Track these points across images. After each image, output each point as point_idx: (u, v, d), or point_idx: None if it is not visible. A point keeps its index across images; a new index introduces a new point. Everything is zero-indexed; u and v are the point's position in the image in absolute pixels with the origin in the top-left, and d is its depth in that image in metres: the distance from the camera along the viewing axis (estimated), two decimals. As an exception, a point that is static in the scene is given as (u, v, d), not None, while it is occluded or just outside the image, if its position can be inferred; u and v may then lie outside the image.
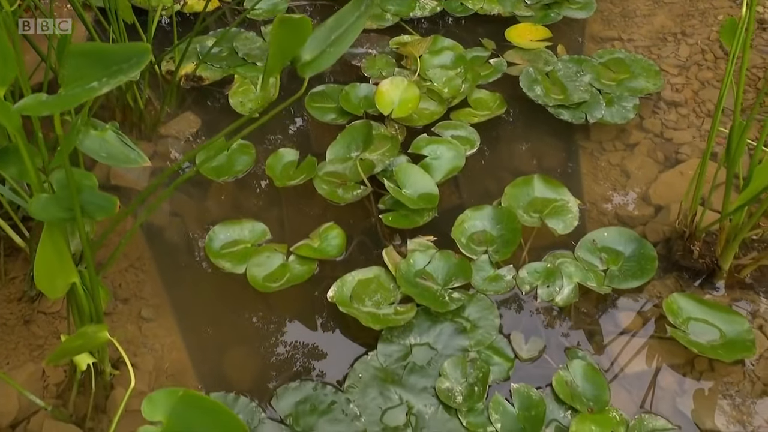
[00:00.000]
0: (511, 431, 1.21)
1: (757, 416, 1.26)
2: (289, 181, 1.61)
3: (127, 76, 0.64)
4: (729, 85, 1.28)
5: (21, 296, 1.38)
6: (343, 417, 1.23)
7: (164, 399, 0.78)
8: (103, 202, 0.88)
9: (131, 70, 0.64)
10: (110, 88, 0.65)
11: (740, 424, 1.26)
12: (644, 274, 1.43)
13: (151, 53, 0.67)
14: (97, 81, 0.65)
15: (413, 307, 1.37)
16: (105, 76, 0.65)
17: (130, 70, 0.64)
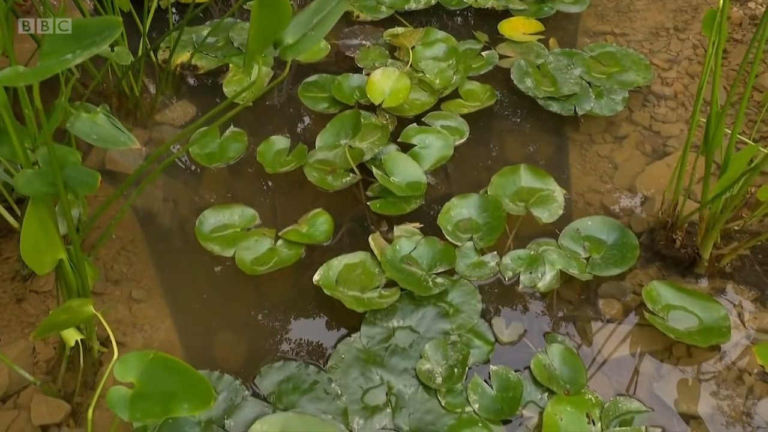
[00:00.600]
0: (489, 411, 1.24)
1: (731, 400, 1.28)
2: (279, 168, 1.64)
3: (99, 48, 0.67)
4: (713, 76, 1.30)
5: (14, 276, 1.41)
6: (324, 396, 1.26)
7: (136, 361, 0.81)
8: (85, 177, 0.91)
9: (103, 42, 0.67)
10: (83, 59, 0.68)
11: (715, 408, 1.28)
12: (625, 262, 1.45)
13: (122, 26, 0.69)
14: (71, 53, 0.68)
15: (397, 291, 1.40)
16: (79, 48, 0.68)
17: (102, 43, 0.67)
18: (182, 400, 0.78)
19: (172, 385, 0.79)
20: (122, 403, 0.79)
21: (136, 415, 0.78)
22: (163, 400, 0.78)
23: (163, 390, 0.79)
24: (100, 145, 1.17)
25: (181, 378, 0.80)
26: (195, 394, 0.79)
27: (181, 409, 0.77)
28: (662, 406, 1.28)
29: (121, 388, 0.81)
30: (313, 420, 1.20)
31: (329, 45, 1.97)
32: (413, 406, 1.25)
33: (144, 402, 0.78)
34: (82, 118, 1.14)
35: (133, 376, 0.81)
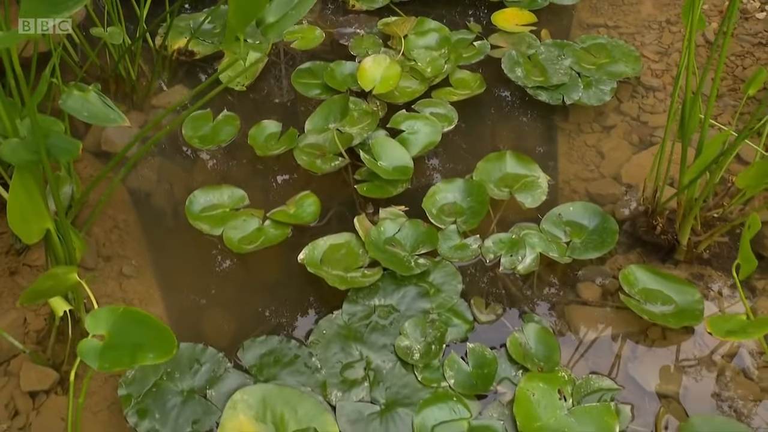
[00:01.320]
0: (464, 386, 1.27)
1: (702, 381, 1.31)
2: (270, 151, 1.68)
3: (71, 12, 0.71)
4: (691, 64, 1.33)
5: (8, 249, 1.46)
6: (304, 369, 1.29)
7: (106, 315, 0.85)
8: (67, 145, 0.95)
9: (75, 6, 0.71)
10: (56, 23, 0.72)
11: (686, 388, 1.31)
12: (604, 246, 1.48)
13: None
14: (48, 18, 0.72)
15: (379, 270, 1.43)
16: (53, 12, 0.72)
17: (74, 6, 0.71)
18: (148, 350, 0.82)
19: (140, 337, 0.83)
20: (92, 353, 0.83)
21: (105, 364, 0.82)
22: (130, 350, 0.82)
23: (131, 341, 0.83)
24: (90, 122, 1.21)
25: (148, 329, 0.84)
26: (160, 345, 0.83)
27: (147, 358, 0.81)
28: (635, 386, 1.31)
29: (93, 340, 0.85)
30: (292, 392, 1.24)
31: (324, 33, 2.01)
32: (390, 381, 1.29)
33: (113, 352, 0.83)
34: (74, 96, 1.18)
35: (103, 329, 0.85)
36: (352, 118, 1.72)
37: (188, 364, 1.29)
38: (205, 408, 1.23)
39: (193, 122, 1.74)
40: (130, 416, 1.21)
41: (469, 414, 1.24)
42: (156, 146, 1.74)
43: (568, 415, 1.23)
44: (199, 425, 1.21)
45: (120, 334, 0.84)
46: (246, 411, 1.21)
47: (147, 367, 1.28)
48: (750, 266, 1.03)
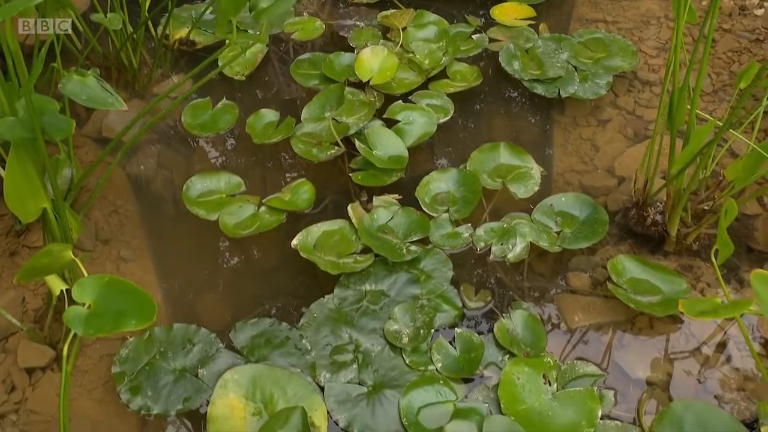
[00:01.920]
0: (450, 370, 1.29)
1: (687, 369, 1.33)
2: (267, 139, 1.70)
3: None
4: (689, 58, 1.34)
5: (8, 231, 1.49)
6: (294, 351, 1.32)
7: (92, 284, 0.88)
8: (61, 123, 0.97)
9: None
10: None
11: (670, 375, 1.32)
12: (594, 236, 1.50)
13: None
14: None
15: (371, 256, 1.45)
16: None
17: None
18: (130, 317, 0.85)
19: (123, 305, 0.86)
20: (78, 320, 0.86)
21: (90, 330, 0.85)
22: (114, 317, 0.85)
23: (114, 309, 0.86)
24: (89, 105, 1.24)
25: (131, 298, 0.87)
26: (141, 312, 0.86)
27: (129, 324, 0.84)
28: (620, 372, 1.33)
29: (78, 308, 0.88)
30: (282, 372, 1.27)
31: (324, 25, 2.03)
32: (379, 363, 1.31)
33: (97, 319, 0.85)
34: (73, 80, 1.21)
35: (89, 297, 0.88)
36: (349, 108, 1.75)
37: (181, 344, 1.31)
38: (196, 386, 1.26)
39: (193, 110, 1.77)
40: (122, 393, 1.24)
41: (455, 396, 1.26)
42: (156, 134, 1.77)
43: (552, 399, 1.25)
44: (190, 403, 1.24)
45: (105, 302, 0.87)
46: (236, 390, 1.24)
47: (140, 346, 1.31)
48: (727, 251, 1.05)
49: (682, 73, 1.70)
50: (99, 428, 1.25)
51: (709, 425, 1.18)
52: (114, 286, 0.88)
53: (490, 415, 1.22)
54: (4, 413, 1.24)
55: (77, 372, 1.31)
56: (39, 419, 1.24)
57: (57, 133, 0.99)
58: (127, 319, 0.85)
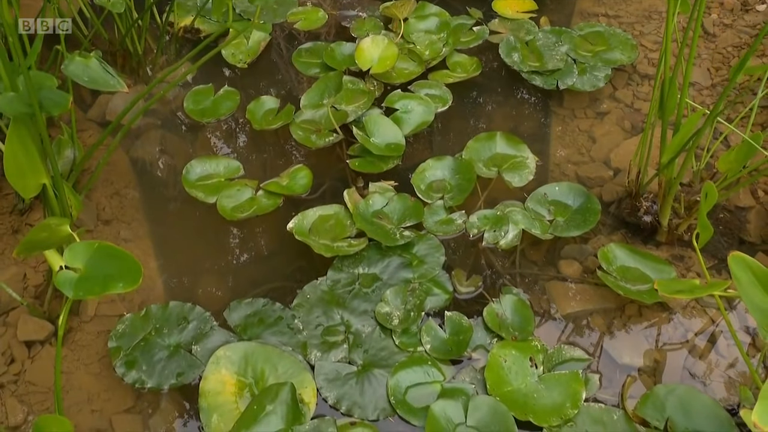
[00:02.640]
0: (439, 351, 1.32)
1: (673, 356, 1.34)
2: (267, 125, 1.73)
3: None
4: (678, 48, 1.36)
5: (12, 210, 1.53)
6: (287, 330, 1.35)
7: (83, 249, 0.91)
8: (58, 98, 1.01)
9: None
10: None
11: (657, 362, 1.34)
12: (586, 225, 1.52)
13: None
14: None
15: (365, 240, 1.48)
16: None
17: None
18: (118, 281, 0.88)
19: (111, 269, 0.90)
20: (69, 284, 0.89)
21: (79, 293, 0.88)
22: (102, 280, 0.89)
23: (103, 273, 0.90)
24: (90, 86, 1.28)
25: (119, 262, 0.90)
26: (128, 276, 0.89)
27: (117, 287, 0.88)
28: (607, 358, 1.35)
29: (69, 272, 0.91)
30: (274, 350, 1.30)
31: (327, 15, 2.06)
32: (369, 344, 1.34)
33: (87, 283, 0.89)
34: (76, 61, 1.24)
35: (80, 262, 0.91)
36: (349, 97, 1.77)
37: (176, 322, 1.35)
38: (189, 362, 1.29)
39: (195, 96, 1.80)
40: (118, 367, 1.28)
41: (443, 377, 1.29)
42: (160, 120, 1.80)
43: (538, 382, 1.27)
44: (183, 377, 1.27)
45: (94, 267, 0.90)
46: (228, 366, 1.27)
47: (137, 322, 1.34)
48: (707, 234, 1.07)
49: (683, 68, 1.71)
50: (95, 400, 1.28)
51: (690, 408, 1.19)
52: (103, 252, 0.91)
53: (476, 395, 1.24)
54: (3, 383, 1.28)
55: (75, 347, 1.35)
56: (36, 390, 1.28)
57: (54, 108, 1.02)
58: (115, 283, 0.88)
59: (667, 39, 1.31)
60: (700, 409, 1.19)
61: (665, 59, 1.31)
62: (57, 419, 0.90)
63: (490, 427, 1.20)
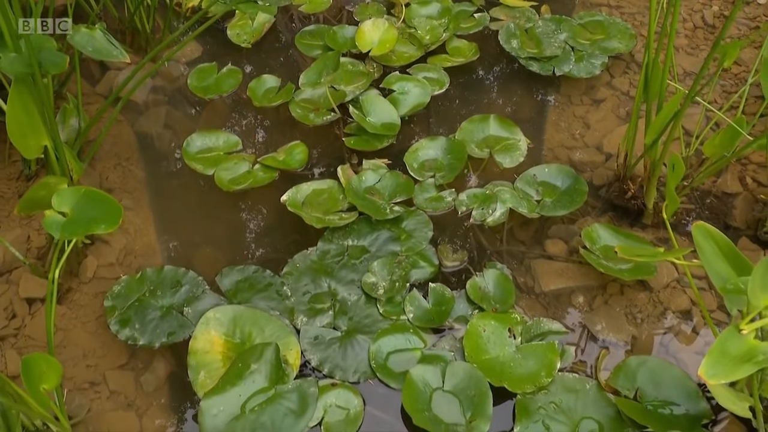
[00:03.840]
0: (421, 320, 1.36)
1: (650, 333, 1.38)
2: (267, 103, 1.78)
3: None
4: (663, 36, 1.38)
5: (18, 176, 1.59)
6: (275, 296, 1.40)
7: (70, 195, 0.97)
8: (56, 59, 1.06)
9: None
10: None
11: (634, 338, 1.37)
12: (573, 205, 1.55)
13: None
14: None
15: (355, 214, 1.53)
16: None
17: None
18: (100, 222, 0.94)
19: (95, 212, 0.95)
20: (56, 226, 0.95)
21: (65, 234, 0.94)
22: (86, 223, 0.95)
23: (87, 216, 0.95)
24: (94, 56, 1.34)
25: (102, 206, 0.96)
26: (109, 218, 0.95)
27: (99, 228, 0.94)
28: (586, 333, 1.39)
29: (57, 216, 0.97)
30: (262, 314, 1.35)
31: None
32: (353, 312, 1.38)
33: (72, 225, 0.94)
34: (81, 32, 1.30)
35: (67, 206, 0.97)
36: (348, 77, 1.82)
37: (170, 285, 1.40)
38: (180, 322, 1.34)
39: (199, 74, 1.85)
40: (112, 324, 1.33)
41: (423, 345, 1.33)
42: (166, 96, 1.86)
43: (515, 352, 1.31)
44: (173, 337, 1.33)
45: (80, 210, 0.96)
46: (217, 327, 1.32)
47: (132, 284, 1.40)
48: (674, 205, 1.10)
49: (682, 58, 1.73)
50: (90, 356, 1.34)
51: (660, 379, 1.23)
52: (89, 196, 0.97)
53: (454, 361, 1.28)
54: (3, 336, 1.34)
55: (74, 306, 1.41)
56: (35, 344, 1.34)
57: (52, 67, 1.08)
58: (98, 224, 0.94)
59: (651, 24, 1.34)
60: (669, 380, 1.22)
61: (649, 43, 1.34)
62: (45, 357, 0.95)
63: (465, 392, 1.24)
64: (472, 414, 1.22)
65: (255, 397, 1.23)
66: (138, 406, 1.29)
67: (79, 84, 1.56)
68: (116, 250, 1.51)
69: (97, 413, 1.27)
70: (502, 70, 1.96)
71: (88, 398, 1.29)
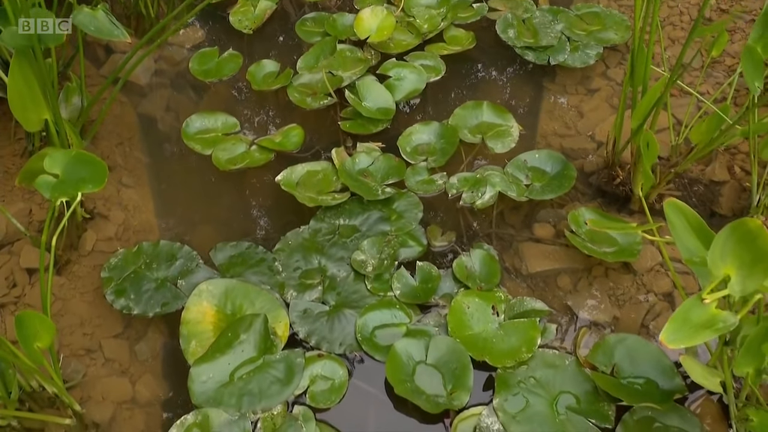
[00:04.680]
0: (407, 296, 1.40)
1: (632, 314, 1.41)
2: (266, 87, 1.82)
3: None
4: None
5: (23, 152, 1.64)
6: (267, 271, 1.44)
7: (61, 157, 1.02)
8: (56, 32, 1.11)
9: None
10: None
11: (615, 318, 1.40)
12: (561, 189, 1.58)
13: None
14: None
15: (347, 194, 1.56)
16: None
17: None
18: (88, 183, 0.99)
19: (84, 173, 1.00)
20: (47, 186, 1.00)
21: (55, 194, 0.98)
22: (75, 183, 0.99)
23: (77, 177, 1.00)
24: (96, 35, 1.38)
25: (90, 167, 1.00)
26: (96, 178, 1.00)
27: (86, 188, 0.98)
28: (569, 312, 1.42)
29: (48, 177, 1.02)
30: (253, 287, 1.39)
31: (332, -12, 2.14)
32: (342, 287, 1.42)
33: (62, 185, 0.99)
34: (83, 12, 1.35)
35: (58, 168, 1.02)
36: (345, 63, 1.86)
37: (165, 258, 1.45)
38: (174, 294, 1.39)
39: (200, 58, 1.90)
40: (108, 294, 1.38)
41: (409, 320, 1.37)
42: (168, 79, 1.91)
43: (498, 328, 1.34)
44: (167, 307, 1.37)
45: (70, 173, 1.01)
46: (209, 299, 1.36)
47: (129, 257, 1.44)
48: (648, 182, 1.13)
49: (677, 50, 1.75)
50: (86, 325, 1.38)
51: (637, 356, 1.26)
52: (78, 158, 1.02)
53: (437, 336, 1.32)
54: (4, 303, 1.39)
55: (73, 277, 1.46)
56: (34, 312, 1.38)
57: (51, 40, 1.12)
58: (86, 185, 0.99)
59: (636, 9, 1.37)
60: (645, 357, 1.25)
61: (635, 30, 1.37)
62: (38, 316, 1.00)
63: (447, 365, 1.28)
64: (453, 386, 1.26)
65: (244, 366, 1.27)
66: (132, 373, 1.34)
67: (82, 63, 1.61)
68: (115, 226, 1.56)
69: (92, 378, 1.31)
70: (498, 59, 1.99)
71: (83, 364, 1.33)
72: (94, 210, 1.56)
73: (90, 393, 1.30)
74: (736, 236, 0.85)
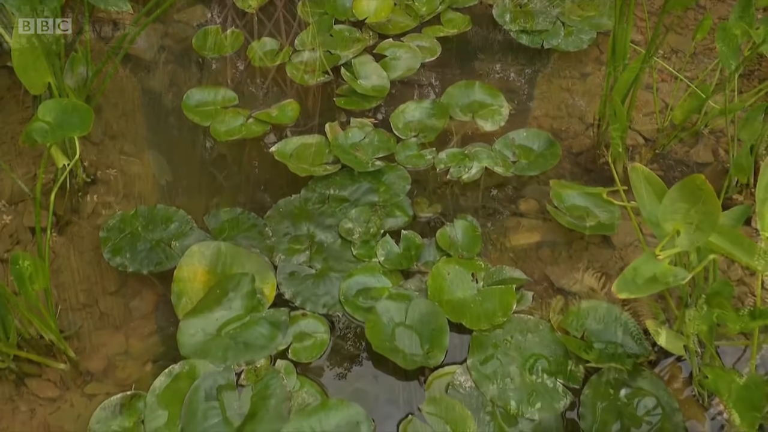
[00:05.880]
0: (391, 263, 1.45)
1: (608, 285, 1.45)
2: (266, 63, 1.88)
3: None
4: None
5: (30, 119, 1.71)
6: (257, 236, 1.50)
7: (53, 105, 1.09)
8: (56, -6, 1.18)
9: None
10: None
11: (591, 288, 1.45)
12: (546, 166, 1.63)
13: None
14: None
15: (338, 166, 1.62)
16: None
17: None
18: (76, 128, 1.06)
19: (73, 120, 1.07)
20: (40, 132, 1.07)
21: (47, 138, 1.06)
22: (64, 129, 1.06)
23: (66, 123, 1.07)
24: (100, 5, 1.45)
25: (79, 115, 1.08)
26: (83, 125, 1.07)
27: (74, 132, 1.06)
28: (547, 282, 1.47)
29: (41, 124, 1.09)
30: (243, 250, 1.45)
31: (335, -29, 2.19)
32: (328, 253, 1.48)
33: (53, 131, 1.06)
34: (87, -17, 1.41)
35: (51, 116, 1.09)
36: (343, 43, 1.91)
37: (161, 221, 1.51)
38: (167, 254, 1.45)
39: (203, 34, 1.96)
40: (105, 252, 1.45)
41: (391, 285, 1.42)
42: (173, 55, 1.97)
43: (476, 294, 1.40)
44: (160, 266, 1.44)
45: (61, 119, 1.08)
46: (201, 260, 1.43)
47: (126, 219, 1.51)
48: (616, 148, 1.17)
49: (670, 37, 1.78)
50: (84, 281, 1.45)
51: (607, 322, 1.31)
52: (69, 107, 1.09)
53: (416, 299, 1.38)
54: (7, 259, 1.46)
55: (73, 237, 1.53)
56: (35, 268, 1.45)
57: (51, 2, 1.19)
58: (74, 130, 1.06)
59: None
60: (616, 324, 1.30)
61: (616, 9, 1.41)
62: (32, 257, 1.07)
63: (425, 326, 1.34)
64: (430, 346, 1.31)
65: (231, 322, 1.34)
66: (125, 328, 1.40)
67: (87, 34, 1.67)
68: (115, 191, 1.63)
69: (87, 330, 1.38)
70: (492, 42, 2.03)
71: (80, 317, 1.40)
72: (97, 174, 1.63)
73: (85, 344, 1.37)
74: (685, 192, 0.89)
